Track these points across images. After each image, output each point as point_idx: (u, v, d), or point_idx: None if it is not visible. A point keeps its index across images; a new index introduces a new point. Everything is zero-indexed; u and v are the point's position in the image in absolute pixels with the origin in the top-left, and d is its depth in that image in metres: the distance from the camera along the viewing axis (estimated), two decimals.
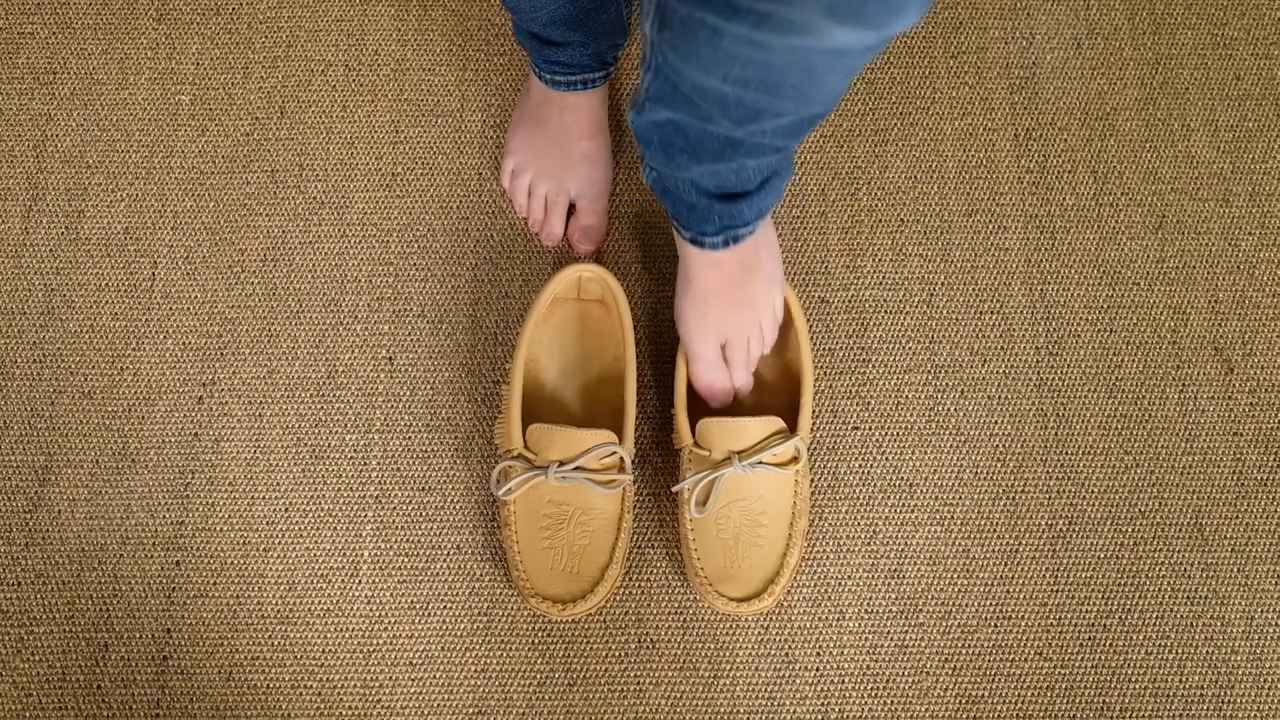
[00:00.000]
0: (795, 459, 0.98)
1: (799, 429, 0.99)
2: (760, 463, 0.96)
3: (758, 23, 0.58)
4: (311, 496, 1.05)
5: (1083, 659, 1.01)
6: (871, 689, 1.00)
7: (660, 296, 1.10)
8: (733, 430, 0.97)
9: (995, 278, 1.11)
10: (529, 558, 0.98)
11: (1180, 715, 1.00)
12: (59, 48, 1.19)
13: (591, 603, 0.96)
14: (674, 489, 1.00)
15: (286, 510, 1.05)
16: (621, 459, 0.98)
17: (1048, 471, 1.06)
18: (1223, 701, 1.00)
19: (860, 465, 1.06)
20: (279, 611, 1.02)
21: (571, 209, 1.11)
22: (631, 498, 1.00)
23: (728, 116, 0.71)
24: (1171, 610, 1.02)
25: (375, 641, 1.01)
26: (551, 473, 0.96)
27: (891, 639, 1.01)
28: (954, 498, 1.05)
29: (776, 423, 0.97)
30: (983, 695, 1.00)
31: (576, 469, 0.96)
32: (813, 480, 1.05)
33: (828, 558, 1.03)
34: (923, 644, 1.01)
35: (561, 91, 1.06)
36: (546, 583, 0.97)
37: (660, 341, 1.09)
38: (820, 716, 0.99)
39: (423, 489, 1.05)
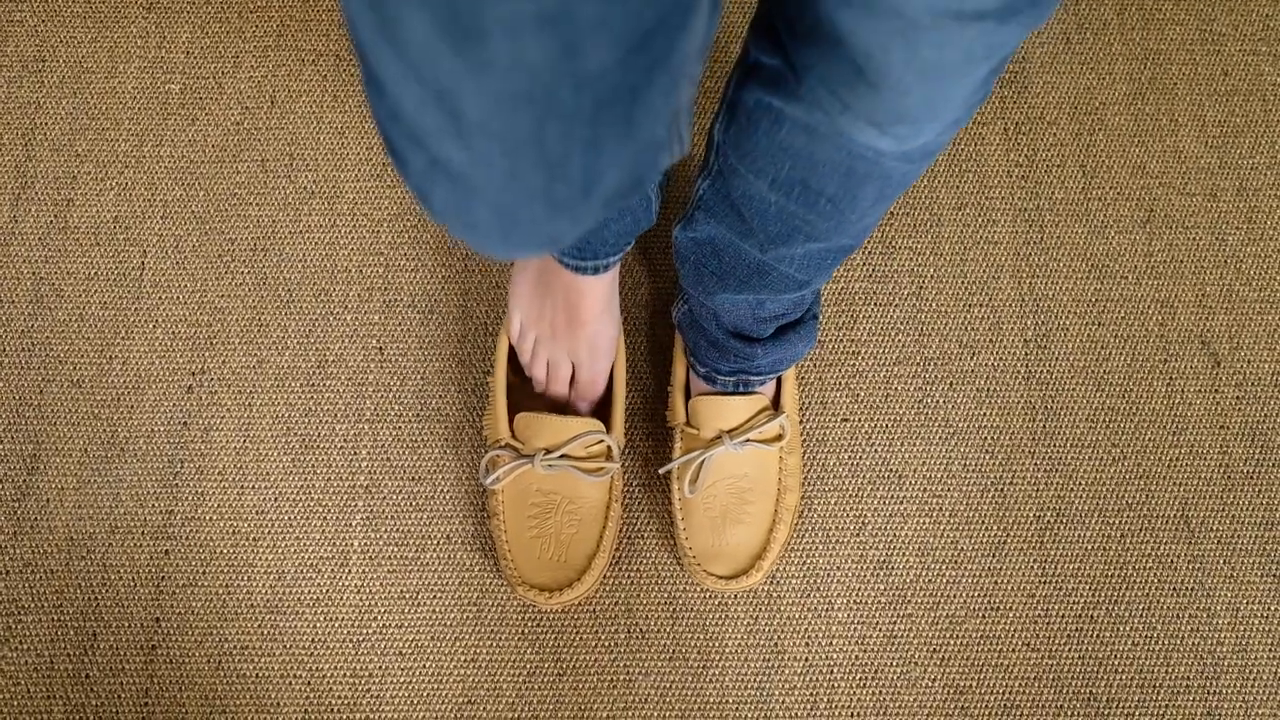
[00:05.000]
0: (780, 436, 0.99)
1: (783, 405, 1.00)
2: (748, 441, 0.97)
3: (811, 105, 0.63)
4: (301, 486, 1.05)
5: (1070, 650, 1.02)
6: (860, 679, 1.00)
7: (652, 288, 1.11)
8: (721, 409, 0.98)
9: (984, 271, 1.12)
10: (517, 547, 0.98)
11: (1166, 706, 1.00)
12: (48, 35, 1.18)
13: (579, 591, 0.97)
14: (661, 470, 1.00)
15: (276, 499, 1.04)
16: (609, 447, 0.98)
17: (1036, 464, 1.06)
18: (1208, 692, 1.00)
19: (849, 457, 1.06)
20: (268, 601, 1.02)
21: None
22: (620, 487, 1.00)
23: (765, 231, 0.75)
24: (1158, 602, 1.03)
25: (365, 631, 1.01)
26: (538, 461, 0.96)
27: (880, 630, 1.02)
28: (942, 489, 1.05)
29: (762, 401, 0.98)
30: (971, 686, 1.01)
31: (563, 457, 0.96)
32: (803, 470, 1.05)
33: (817, 549, 1.03)
34: (911, 635, 1.02)
35: (571, 273, 0.95)
36: (534, 571, 0.97)
37: (653, 333, 1.09)
38: (809, 706, 1.00)
39: (413, 479, 1.05)
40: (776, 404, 1.01)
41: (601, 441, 0.97)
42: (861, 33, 0.55)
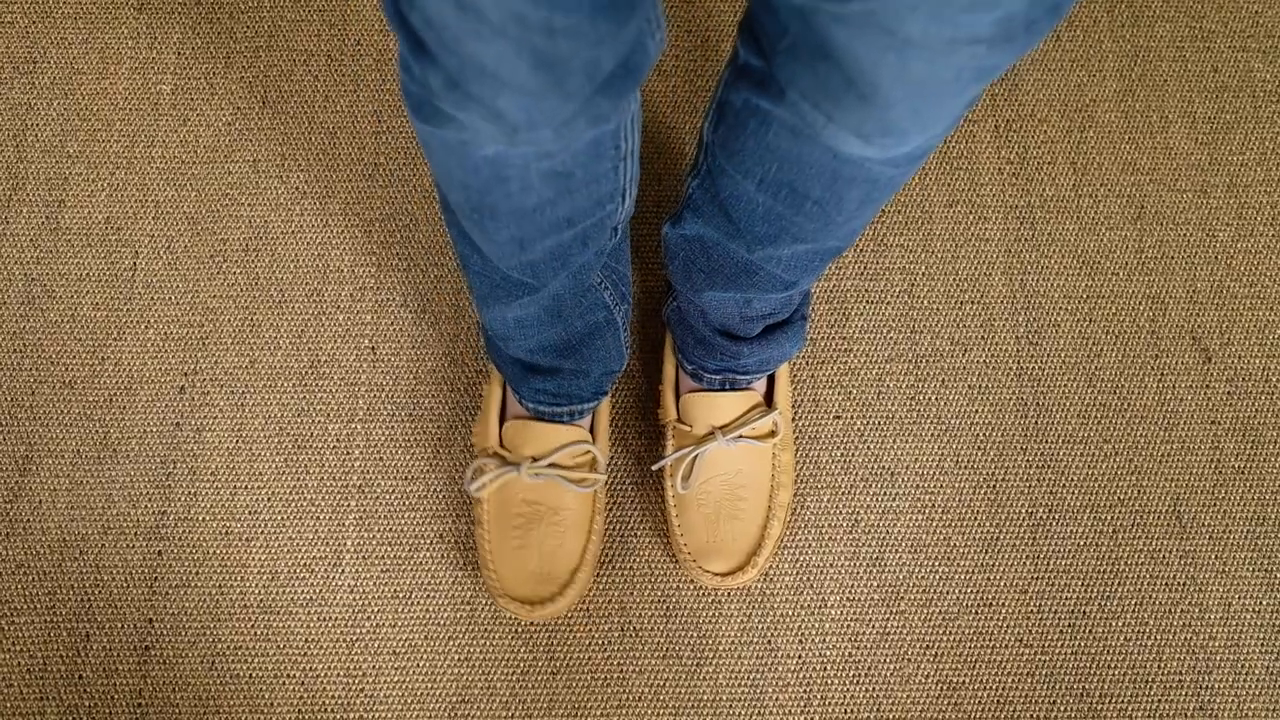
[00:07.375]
0: (773, 432, 0.99)
1: (776, 402, 1.00)
2: (740, 437, 0.97)
3: (797, 113, 0.64)
4: (294, 486, 1.05)
5: (1062, 646, 1.02)
6: (853, 676, 1.01)
7: (644, 286, 1.11)
8: (713, 405, 0.98)
9: (976, 268, 1.12)
10: (500, 557, 0.97)
11: (1159, 701, 1.00)
12: (39, 36, 1.18)
13: (560, 605, 0.96)
14: (654, 466, 1.00)
15: (269, 500, 1.04)
16: (595, 458, 0.98)
17: (1028, 460, 1.07)
18: (1201, 687, 1.01)
19: (842, 454, 1.06)
20: (262, 601, 1.02)
21: None
22: (604, 500, 1.00)
23: (752, 232, 0.76)
24: (1150, 597, 1.03)
25: (358, 631, 1.01)
26: (524, 469, 0.95)
27: (873, 626, 1.02)
28: (935, 486, 1.06)
29: (754, 397, 0.98)
30: (963, 682, 1.01)
31: (550, 465, 0.96)
32: (796, 467, 1.05)
33: (810, 545, 1.04)
34: (904, 631, 1.02)
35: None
36: (516, 583, 0.97)
37: (644, 332, 1.09)
38: (802, 703, 1.00)
39: (406, 478, 1.05)
40: (769, 401, 1.01)
41: (588, 452, 0.97)
42: (855, 47, 0.55)
